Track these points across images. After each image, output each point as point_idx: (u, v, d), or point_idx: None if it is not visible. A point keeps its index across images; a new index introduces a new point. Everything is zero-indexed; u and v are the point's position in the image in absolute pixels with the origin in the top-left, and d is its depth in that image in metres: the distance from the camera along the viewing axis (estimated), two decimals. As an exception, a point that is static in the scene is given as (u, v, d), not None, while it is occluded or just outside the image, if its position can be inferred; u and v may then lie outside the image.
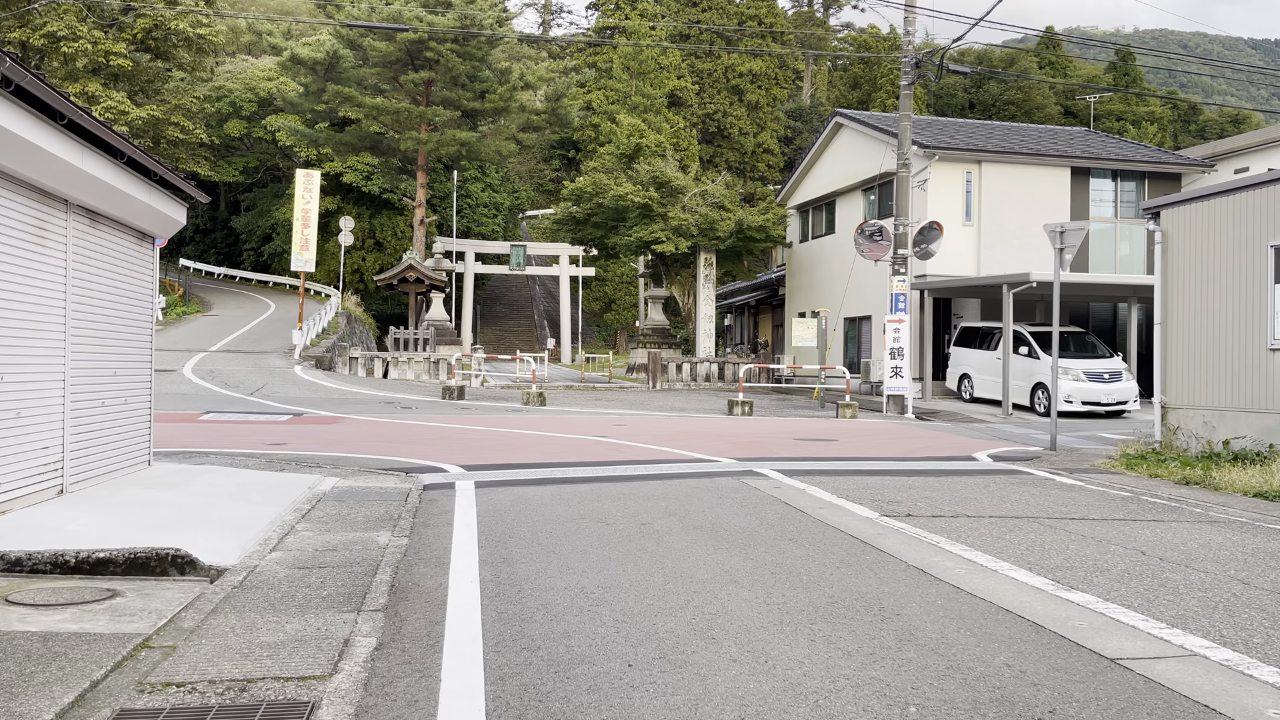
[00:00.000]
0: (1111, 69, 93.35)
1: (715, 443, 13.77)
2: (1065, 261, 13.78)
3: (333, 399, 20.43)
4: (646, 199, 27.94)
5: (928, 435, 16.16)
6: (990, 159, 25.98)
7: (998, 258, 25.88)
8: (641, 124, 34.83)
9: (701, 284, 30.04)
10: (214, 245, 63.21)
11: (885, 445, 14.25)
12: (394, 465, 10.70)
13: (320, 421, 16.02)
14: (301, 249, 28.41)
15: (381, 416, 17.17)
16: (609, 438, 14.23)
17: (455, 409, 19.43)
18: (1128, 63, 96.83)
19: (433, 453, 11.94)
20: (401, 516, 7.59)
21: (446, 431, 14.84)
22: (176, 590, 5.28)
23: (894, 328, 21.32)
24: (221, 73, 55.21)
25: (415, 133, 36.71)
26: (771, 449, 13.08)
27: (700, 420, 18.38)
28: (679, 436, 14.74)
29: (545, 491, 8.87)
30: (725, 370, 29.38)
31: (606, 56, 69.04)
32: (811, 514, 7.73)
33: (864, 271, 27.82)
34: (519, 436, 14.28)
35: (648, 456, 11.91)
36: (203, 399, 19.15)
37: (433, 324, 33.48)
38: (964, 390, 24.66)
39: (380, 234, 52.08)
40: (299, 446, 12.44)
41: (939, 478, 10.31)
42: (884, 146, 27.69)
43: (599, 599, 5.12)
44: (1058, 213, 26.41)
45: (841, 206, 30.35)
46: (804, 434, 15.68)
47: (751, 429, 16.46)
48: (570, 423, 16.97)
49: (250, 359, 27.54)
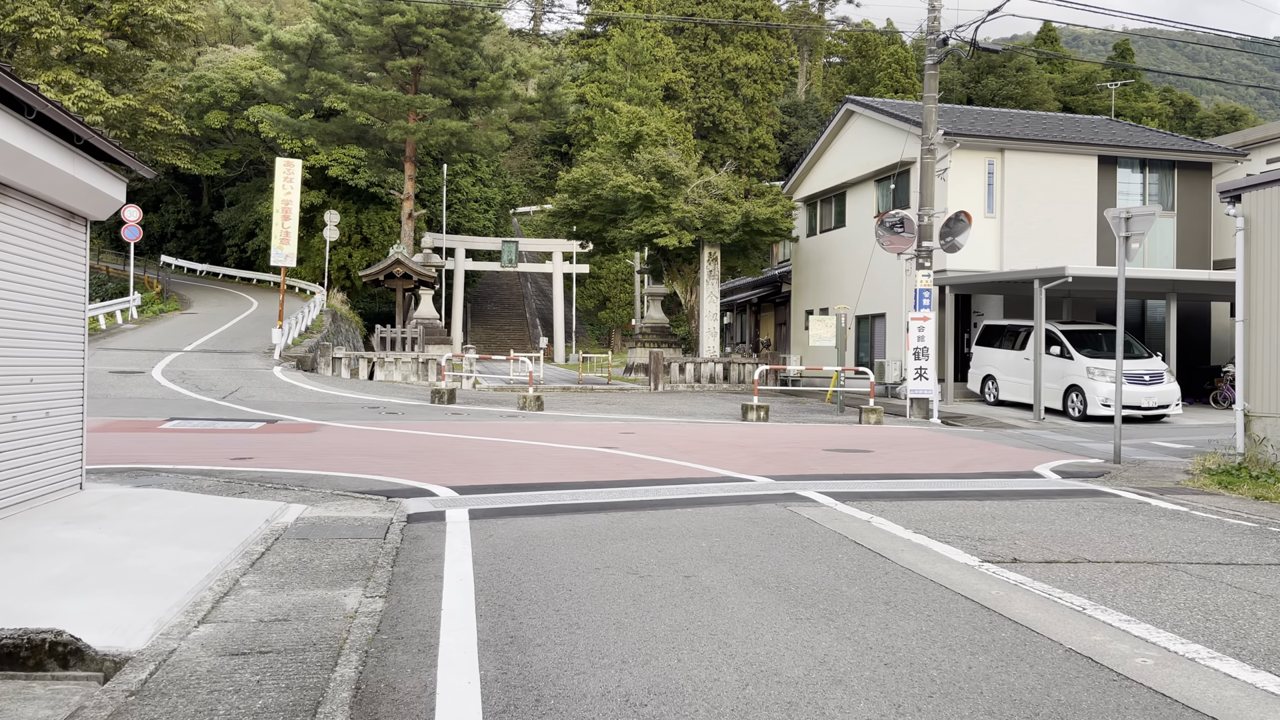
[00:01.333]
0: (1110, 63, 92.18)
1: (738, 455, 12.22)
2: (1131, 252, 12.25)
3: (312, 403, 18.81)
4: (648, 189, 26.37)
5: (969, 445, 14.63)
6: (1014, 147, 24.48)
7: (1021, 252, 24.42)
8: (642, 111, 33.24)
9: (705, 280, 28.49)
10: (196, 242, 61.40)
11: (929, 458, 12.72)
12: (373, 487, 9.12)
13: (295, 430, 14.41)
14: (282, 242, 26.74)
15: (364, 423, 15.57)
16: (617, 448, 12.67)
17: (445, 415, 17.84)
18: (1126, 58, 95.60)
19: (420, 469, 10.36)
20: (378, 563, 6.01)
21: (436, 442, 13.25)
22: (44, 704, 3.69)
23: (918, 326, 19.79)
24: (203, 63, 53.40)
25: (403, 122, 35.02)
26: (804, 463, 11.53)
27: (713, 427, 16.82)
28: (695, 447, 13.19)
29: (555, 525, 7.30)
30: (731, 371, 27.83)
31: (600, 49, 67.41)
32: (894, 559, 6.17)
33: (878, 266, 26.32)
34: (517, 448, 12.70)
35: (667, 473, 10.35)
36: (169, 404, 17.51)
37: (421, 322, 31.85)
38: (987, 392, 23.16)
39: (367, 229, 50.37)
40: (267, 461, 10.85)
41: (1015, 501, 8.77)
42: (899, 134, 26.18)
43: (654, 718, 3.55)
44: (1084, 205, 24.98)
45: (852, 198, 28.83)
46: (834, 443, 14.14)
47: (773, 438, 14.91)
48: (572, 430, 15.39)
49: (227, 360, 25.88)
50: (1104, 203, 25.09)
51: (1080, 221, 24.89)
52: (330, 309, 38.86)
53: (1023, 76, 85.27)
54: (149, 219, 60.61)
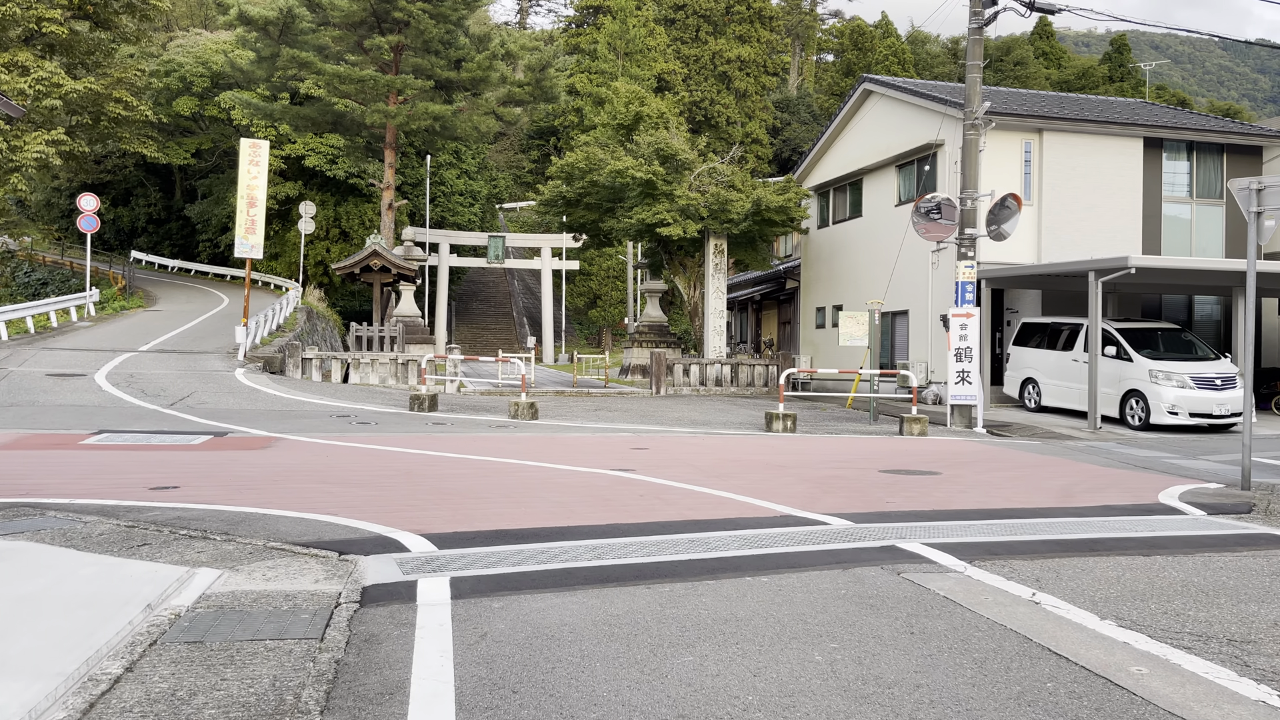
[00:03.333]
0: (1107, 60, 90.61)
1: (785, 481, 9.93)
2: (1266, 231, 10.01)
3: (273, 411, 16.41)
4: (650, 174, 24.04)
5: (1046, 464, 12.38)
6: (1053, 127, 22.30)
7: (1060, 242, 22.24)
8: (642, 90, 30.91)
9: (711, 274, 26.18)
10: (168, 236, 58.69)
11: (1012, 482, 10.47)
12: (323, 534, 6.78)
13: (245, 445, 12.03)
14: (247, 232, 24.27)
15: (329, 436, 13.19)
16: (633, 471, 10.36)
17: (425, 425, 15.48)
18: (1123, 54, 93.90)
19: (388, 504, 8.03)
20: (304, 695, 3.69)
21: (412, 462, 10.90)
22: None
23: (960, 324, 17.56)
24: (174, 48, 50.73)
25: (383, 105, 32.55)
26: (871, 493, 9.25)
27: (737, 440, 14.53)
28: (726, 468, 10.89)
29: (578, 610, 4.98)
30: (739, 373, 25.53)
31: (590, 38, 65.00)
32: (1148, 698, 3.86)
33: (900, 259, 24.10)
34: (511, 471, 10.37)
35: (706, 508, 8.06)
36: (105, 413, 15.09)
37: (402, 320, 29.44)
38: (1027, 397, 20.97)
39: (346, 222, 47.85)
40: (196, 491, 8.49)
41: (1193, 556, 6.50)
42: (926, 115, 23.97)
43: None
44: (1128, 191, 22.84)
45: (870, 186, 26.59)
46: (888, 462, 11.86)
47: (814, 455, 12.63)
48: (574, 446, 13.07)
49: (185, 360, 23.42)
50: (1149, 189, 22.95)
51: (1125, 209, 22.74)
52: (305, 306, 36.37)
53: (1020, 71, 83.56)
54: (118, 213, 57.87)
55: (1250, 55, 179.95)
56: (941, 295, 23.26)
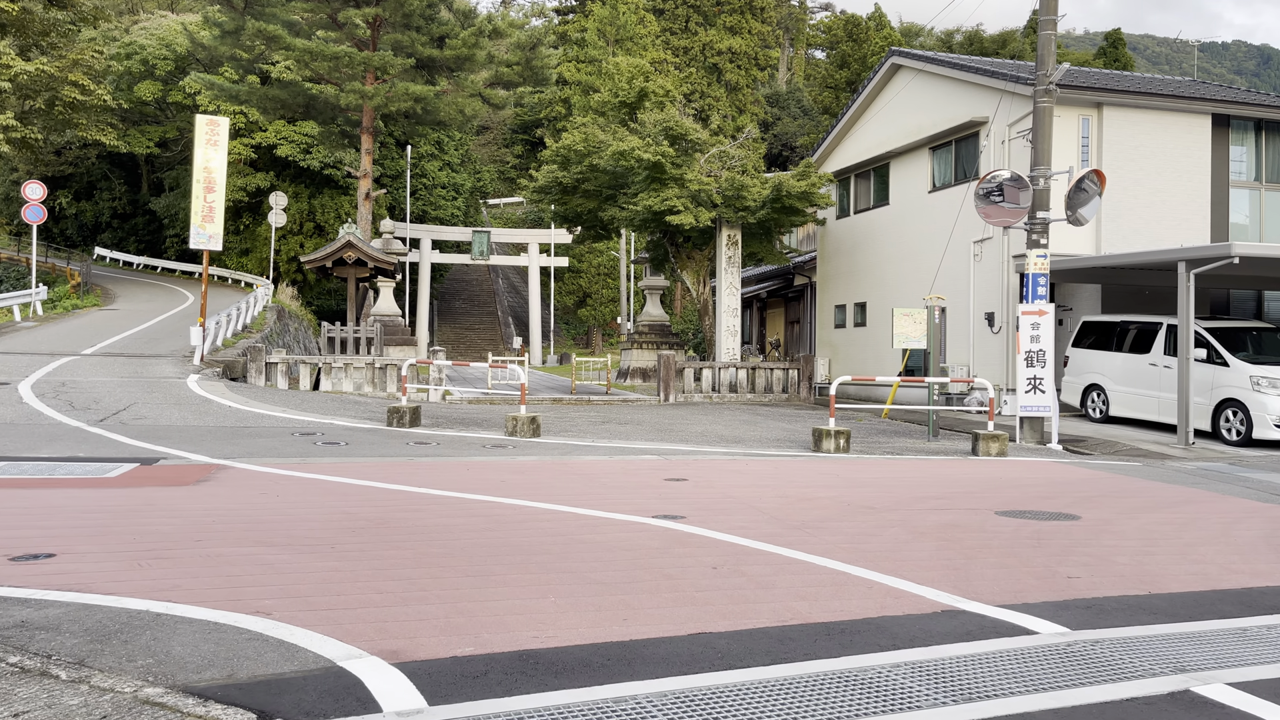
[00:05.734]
0: (1101, 54, 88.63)
1: (893, 535, 7.39)
2: None
3: (223, 428, 13.72)
4: (658, 156, 21.44)
5: (1188, 500, 9.88)
6: (1114, 102, 19.87)
7: (1121, 231, 19.84)
8: (647, 65, 28.26)
9: (724, 267, 23.60)
10: (134, 232, 55.65)
11: (1181, 531, 7.95)
12: (236, 672, 4.14)
13: (174, 479, 9.36)
14: (204, 220, 21.48)
15: (285, 463, 10.53)
16: (685, 519, 7.78)
17: (406, 444, 12.83)
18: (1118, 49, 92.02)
19: (350, 590, 5.40)
20: None
21: (387, 504, 8.27)
22: None
23: (1032, 323, 15.05)
24: (138, 31, 47.73)
25: (359, 84, 29.76)
26: (1025, 556, 6.71)
27: (788, 465, 11.96)
28: (801, 511, 8.32)
29: None
30: (757, 378, 22.95)
31: (579, 25, 62.27)
32: None
33: (935, 251, 21.66)
34: (523, 522, 7.76)
35: (818, 592, 5.50)
36: (10, 433, 12.36)
37: (380, 320, 26.72)
38: (1090, 406, 18.53)
39: (321, 216, 45.00)
40: (73, 564, 5.84)
41: None
42: (967, 90, 21.52)
43: None
44: (1195, 174, 20.45)
45: (899, 171, 24.11)
46: (997, 498, 9.32)
47: (899, 488, 10.08)
48: (594, 475, 10.46)
49: (132, 365, 20.64)
50: (1218, 172, 20.56)
51: (1192, 194, 20.35)
52: (276, 305, 33.52)
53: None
54: (81, 207, 54.77)
55: (1226, 56, 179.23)
56: (984, 290, 20.82)
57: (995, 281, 20.50)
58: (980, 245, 20.91)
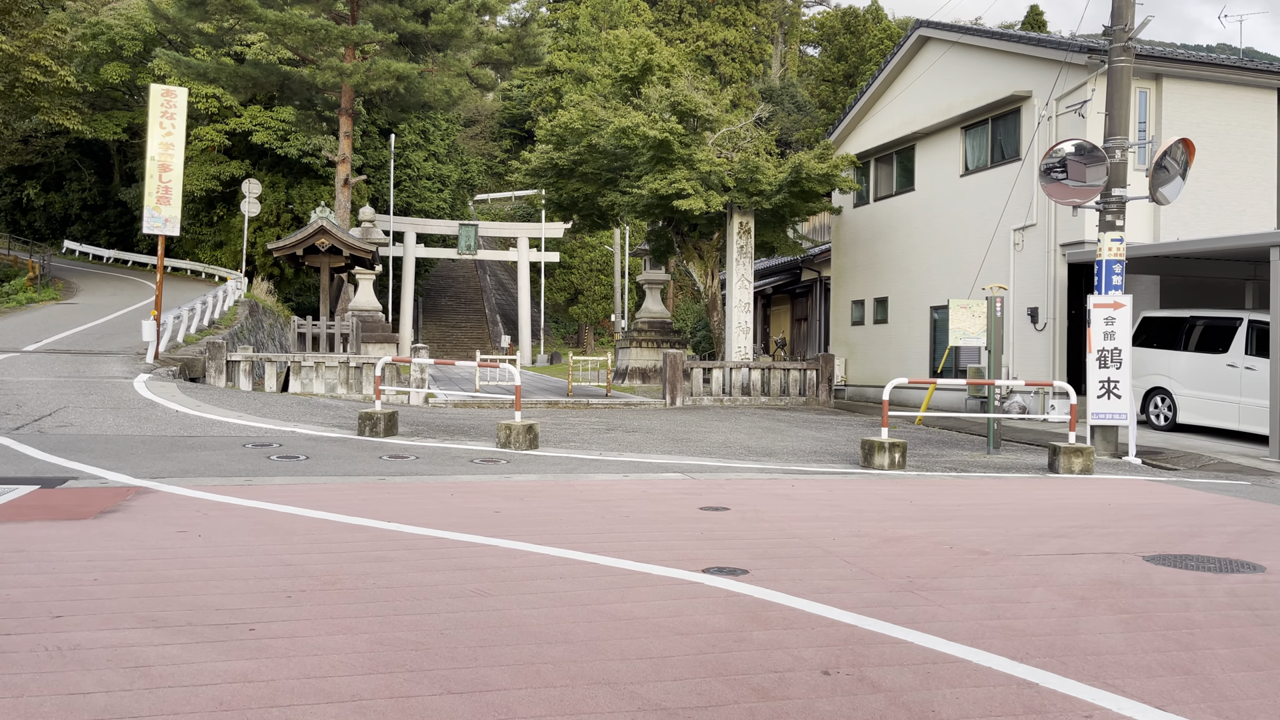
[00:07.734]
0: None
1: (1050, 602, 5.33)
2: None
3: (162, 437, 11.56)
4: (666, 133, 19.36)
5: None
6: (1175, 73, 17.91)
7: (1183, 216, 17.87)
8: (651, 35, 26.15)
9: (735, 258, 21.52)
10: (105, 224, 53.24)
11: None
12: None
13: (72, 510, 7.22)
14: (160, 202, 19.27)
15: (225, 486, 8.40)
16: (746, 575, 5.70)
17: (378, 458, 10.69)
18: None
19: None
20: None
21: (337, 556, 6.13)
22: None
23: (1105, 317, 13.03)
24: (106, 11, 45.34)
25: (337, 61, 27.55)
26: (1269, 652, 4.65)
27: (843, 486, 9.89)
28: (896, 561, 6.25)
29: None
30: (772, 380, 20.88)
31: (570, 12, 60.07)
32: None
33: (970, 240, 19.72)
34: (529, 584, 5.67)
35: (989, 711, 3.43)
36: (-100, 444, 10.18)
37: (358, 314, 24.56)
38: (1153, 411, 16.55)
39: (300, 206, 42.72)
40: None
41: None
42: (1004, 63, 19.56)
43: None
44: (1261, 154, 18.52)
45: (925, 153, 22.11)
46: (1136, 536, 7.27)
47: (1002, 523, 8.02)
48: (612, 503, 8.35)
49: (75, 363, 18.43)
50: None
51: (1257, 176, 18.44)
52: (250, 300, 31.26)
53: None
54: (49, 199, 52.32)
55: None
56: (1025, 282, 18.87)
57: (1039, 273, 18.52)
58: (1021, 233, 18.92)
